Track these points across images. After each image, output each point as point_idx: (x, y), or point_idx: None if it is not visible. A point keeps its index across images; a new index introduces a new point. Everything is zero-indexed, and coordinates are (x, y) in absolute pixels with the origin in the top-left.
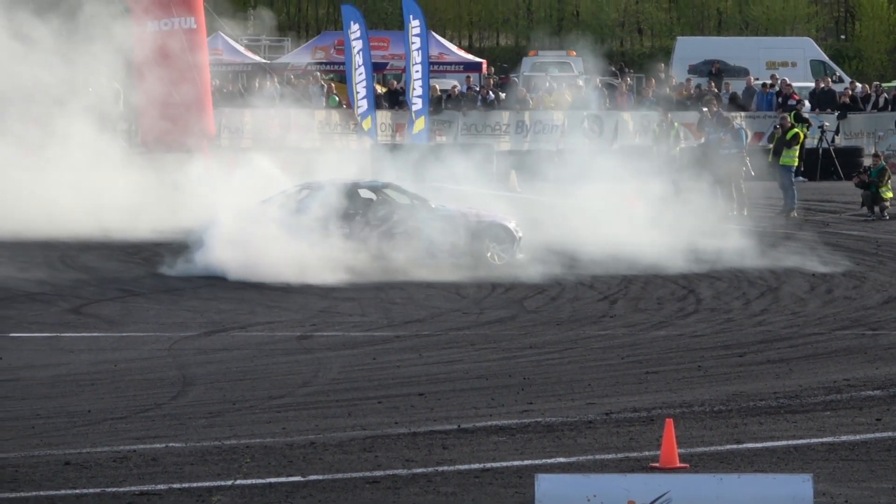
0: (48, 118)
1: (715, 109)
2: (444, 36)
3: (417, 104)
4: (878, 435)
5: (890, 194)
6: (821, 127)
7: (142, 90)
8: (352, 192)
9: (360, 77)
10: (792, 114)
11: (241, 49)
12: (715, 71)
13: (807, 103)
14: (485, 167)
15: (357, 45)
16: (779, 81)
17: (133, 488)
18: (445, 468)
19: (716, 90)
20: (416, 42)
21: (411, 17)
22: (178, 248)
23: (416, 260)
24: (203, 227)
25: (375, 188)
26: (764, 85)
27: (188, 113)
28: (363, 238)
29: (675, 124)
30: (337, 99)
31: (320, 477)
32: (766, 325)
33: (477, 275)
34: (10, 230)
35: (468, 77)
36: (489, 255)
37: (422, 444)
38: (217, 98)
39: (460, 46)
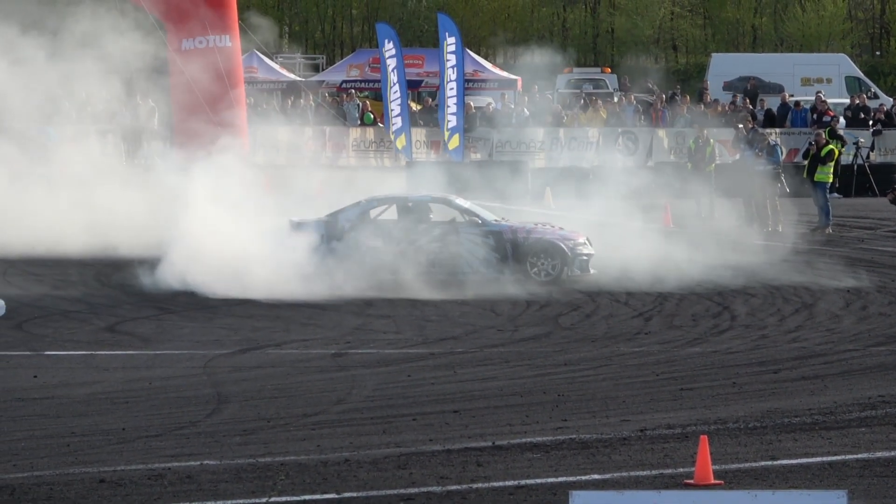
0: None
1: (750, 126)
2: (478, 53)
3: (452, 121)
4: None
5: None
6: (856, 143)
7: (176, 108)
8: (402, 205)
9: (394, 95)
10: (826, 130)
11: (277, 67)
12: (751, 87)
13: (842, 120)
14: (519, 184)
15: (391, 63)
16: (819, 102)
17: None
18: (480, 485)
19: (750, 107)
20: (451, 59)
21: (447, 34)
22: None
23: (451, 274)
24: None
25: (422, 202)
26: (797, 103)
27: (223, 131)
28: (384, 253)
29: (711, 141)
30: (372, 116)
31: (355, 494)
32: (800, 342)
33: (516, 291)
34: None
35: (503, 94)
36: (534, 271)
37: (456, 462)
38: (252, 116)
39: (495, 64)
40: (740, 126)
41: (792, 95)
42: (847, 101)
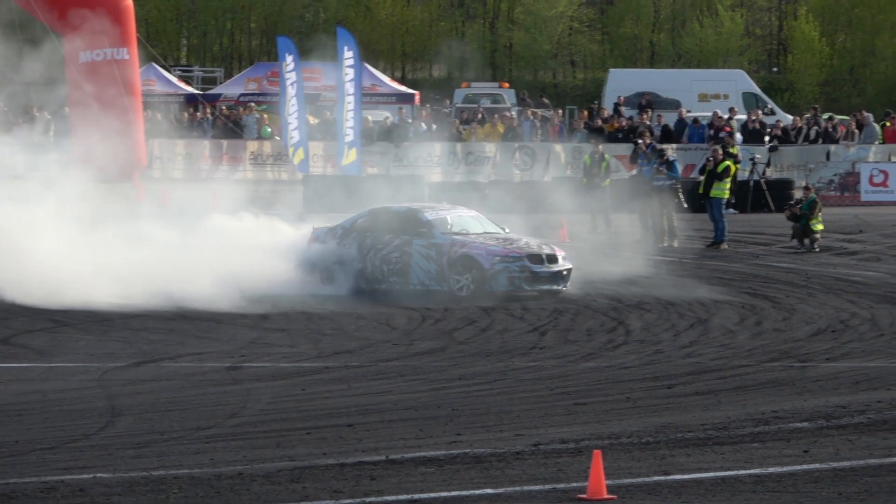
0: None
1: (649, 141)
2: (376, 67)
3: (349, 135)
4: (805, 467)
5: (821, 227)
6: (752, 159)
7: (73, 120)
8: (381, 215)
9: (292, 108)
10: (721, 146)
11: (174, 80)
12: (644, 103)
13: (738, 136)
14: (416, 198)
15: (290, 77)
16: (725, 116)
17: None
18: (373, 499)
19: (647, 122)
20: (349, 73)
21: (345, 48)
22: None
23: (404, 286)
24: None
25: (398, 212)
26: (695, 120)
27: (121, 143)
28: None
29: (606, 156)
30: (269, 130)
31: None
32: (694, 357)
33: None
34: None
35: (401, 108)
36: (457, 286)
37: (350, 475)
38: (149, 129)
39: (393, 78)
40: (639, 141)
41: (689, 111)
42: (744, 117)
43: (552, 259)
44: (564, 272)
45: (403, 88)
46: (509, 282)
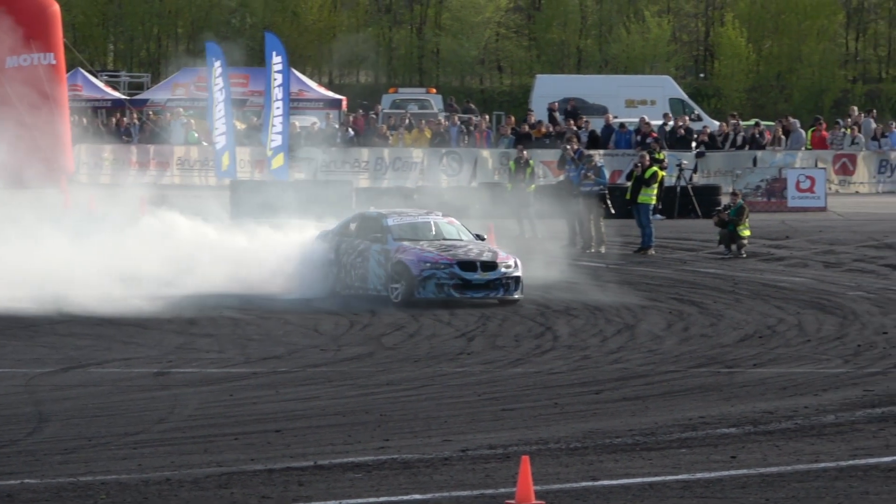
0: None
1: (576, 147)
2: (303, 73)
3: (277, 141)
4: (732, 472)
5: (748, 233)
6: (679, 165)
7: None
8: (363, 219)
9: (219, 113)
10: (649, 152)
11: (101, 85)
12: (571, 108)
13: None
14: (343, 204)
15: (218, 82)
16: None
17: None
18: None
19: (575, 128)
20: (277, 78)
21: (274, 52)
22: None
23: (364, 291)
24: None
25: (375, 217)
26: (622, 125)
27: (47, 149)
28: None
29: (531, 162)
30: (196, 135)
31: None
32: (622, 363)
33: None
34: None
35: (328, 114)
36: (394, 294)
37: (278, 481)
38: (76, 134)
39: (320, 83)
40: (567, 147)
41: (616, 117)
42: (671, 122)
43: (489, 266)
44: (504, 280)
45: (331, 94)
46: (437, 289)
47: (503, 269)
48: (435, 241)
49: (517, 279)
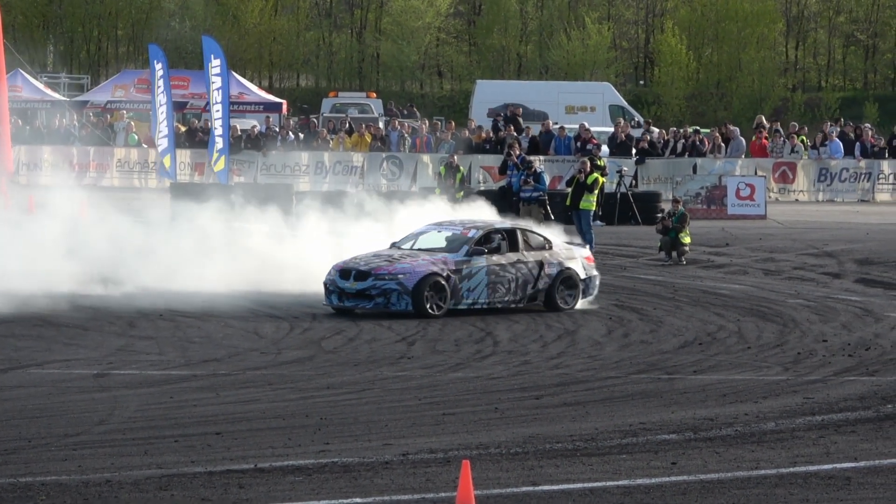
0: None
1: (518, 153)
2: (244, 76)
3: (218, 143)
4: (673, 479)
5: (688, 239)
6: (619, 172)
7: None
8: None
9: (161, 116)
10: (589, 158)
11: (41, 86)
12: (510, 114)
13: (604, 148)
14: (284, 207)
15: (160, 85)
16: (583, 130)
17: None
18: None
19: (514, 133)
20: (216, 81)
21: (212, 56)
22: None
23: None
24: None
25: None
26: (561, 128)
27: None
28: None
29: (461, 168)
30: (136, 137)
31: None
32: (562, 368)
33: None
34: None
35: (268, 117)
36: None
37: (218, 484)
38: (15, 135)
39: (260, 86)
40: (511, 153)
41: (556, 123)
42: (611, 129)
43: (362, 276)
44: (373, 292)
45: (271, 97)
46: (327, 295)
47: (374, 281)
48: (389, 252)
49: (395, 292)
